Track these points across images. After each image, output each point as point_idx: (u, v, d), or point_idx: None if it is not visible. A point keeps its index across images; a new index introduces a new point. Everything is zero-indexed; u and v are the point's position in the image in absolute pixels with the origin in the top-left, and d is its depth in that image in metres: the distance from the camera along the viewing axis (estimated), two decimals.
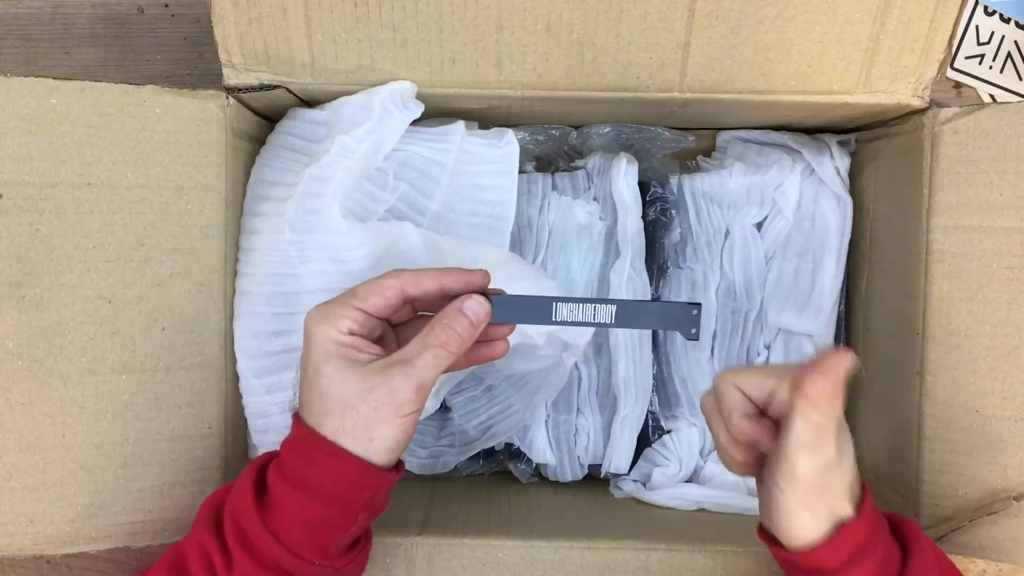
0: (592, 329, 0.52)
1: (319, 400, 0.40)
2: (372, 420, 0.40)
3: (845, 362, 0.39)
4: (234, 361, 0.51)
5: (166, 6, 0.65)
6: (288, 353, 0.50)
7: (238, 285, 0.51)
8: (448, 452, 0.62)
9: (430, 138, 0.54)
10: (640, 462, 0.61)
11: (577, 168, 0.63)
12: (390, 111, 0.50)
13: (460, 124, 0.55)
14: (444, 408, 0.62)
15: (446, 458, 0.61)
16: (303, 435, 0.41)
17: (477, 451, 0.61)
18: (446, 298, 0.43)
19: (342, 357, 0.40)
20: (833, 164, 0.61)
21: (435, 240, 0.50)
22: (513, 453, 0.62)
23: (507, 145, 0.57)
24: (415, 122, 0.53)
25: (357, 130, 0.49)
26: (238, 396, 0.52)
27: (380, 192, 0.52)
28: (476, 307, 0.42)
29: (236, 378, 0.51)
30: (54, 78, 0.45)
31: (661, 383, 0.62)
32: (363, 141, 0.49)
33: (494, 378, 0.59)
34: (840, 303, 0.62)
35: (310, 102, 0.54)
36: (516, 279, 0.50)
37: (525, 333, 0.51)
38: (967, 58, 0.68)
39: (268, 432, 0.52)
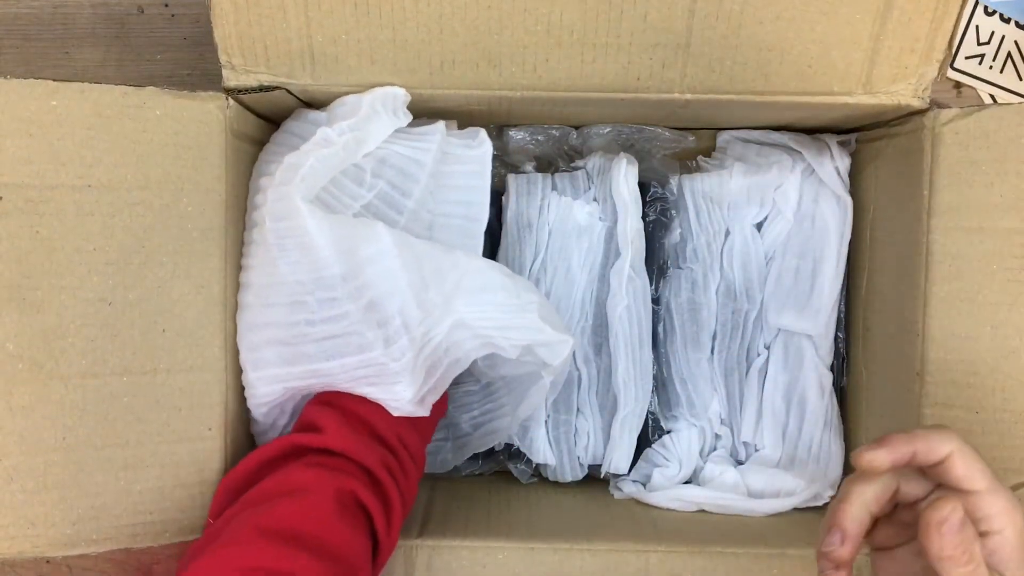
0: (568, 350, 0.52)
1: None
2: None
3: (952, 517, 0.36)
4: (235, 362, 0.51)
5: (166, 6, 0.65)
6: (270, 346, 0.50)
7: (241, 278, 0.51)
8: (444, 448, 0.62)
9: (411, 137, 0.54)
10: (640, 463, 0.61)
11: (577, 168, 0.63)
12: (378, 112, 0.50)
13: (441, 124, 0.55)
14: None
15: (443, 456, 0.61)
16: None
17: (473, 452, 0.61)
18: None
19: None
20: (833, 164, 0.61)
21: (410, 243, 0.49)
22: (513, 453, 0.62)
23: (480, 145, 0.56)
24: None
25: (340, 123, 0.49)
26: (239, 398, 0.52)
27: (357, 188, 0.52)
28: None
29: (237, 380, 0.51)
30: (54, 80, 0.45)
31: (661, 383, 0.62)
32: (344, 134, 0.49)
33: (489, 376, 0.59)
34: (840, 303, 0.62)
35: (310, 103, 0.54)
36: (492, 289, 0.50)
37: (496, 345, 0.51)
38: (967, 58, 0.68)
39: (268, 432, 0.53)
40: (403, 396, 0.49)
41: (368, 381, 0.49)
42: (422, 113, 0.54)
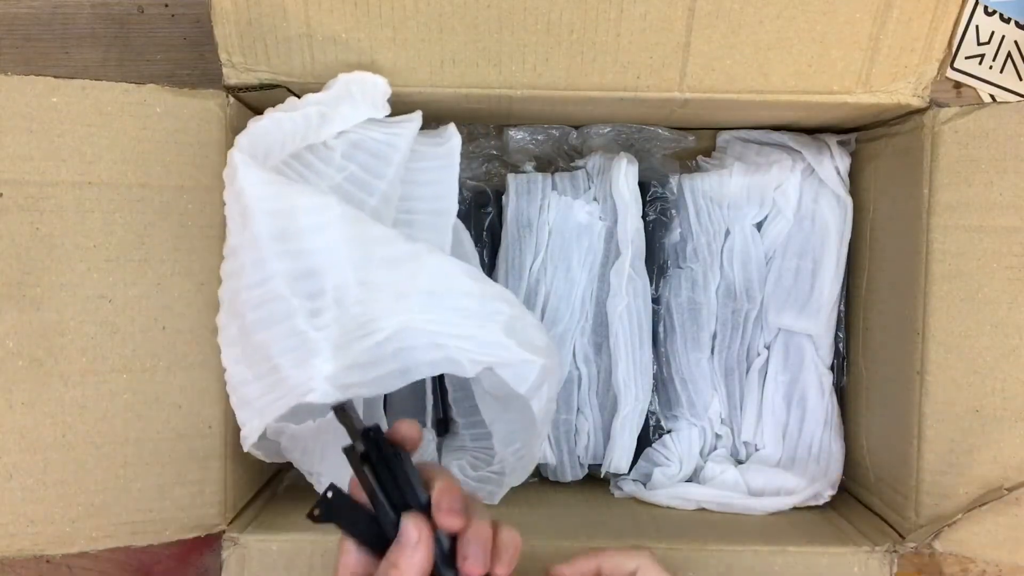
0: (535, 372, 0.46)
1: None
2: None
3: None
4: None
5: (166, 6, 0.65)
6: (229, 325, 0.47)
7: None
8: (493, 480, 0.57)
9: (386, 124, 0.52)
10: (640, 462, 0.61)
11: (577, 168, 0.63)
12: (353, 95, 0.49)
13: (418, 114, 0.53)
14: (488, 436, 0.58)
15: (491, 487, 0.57)
16: None
17: (513, 484, 0.57)
18: None
19: None
20: (833, 164, 0.61)
21: (362, 222, 0.44)
22: None
23: (449, 140, 0.54)
24: None
25: (309, 96, 0.48)
26: None
27: (325, 167, 0.49)
28: None
29: None
30: (55, 77, 0.45)
31: (661, 383, 0.62)
32: (308, 105, 0.47)
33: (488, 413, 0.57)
34: (840, 303, 0.62)
35: None
36: (453, 293, 0.45)
37: (453, 359, 0.44)
38: (967, 58, 0.68)
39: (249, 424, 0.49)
40: (320, 371, 0.42)
41: (290, 359, 0.43)
42: (423, 112, 0.54)
